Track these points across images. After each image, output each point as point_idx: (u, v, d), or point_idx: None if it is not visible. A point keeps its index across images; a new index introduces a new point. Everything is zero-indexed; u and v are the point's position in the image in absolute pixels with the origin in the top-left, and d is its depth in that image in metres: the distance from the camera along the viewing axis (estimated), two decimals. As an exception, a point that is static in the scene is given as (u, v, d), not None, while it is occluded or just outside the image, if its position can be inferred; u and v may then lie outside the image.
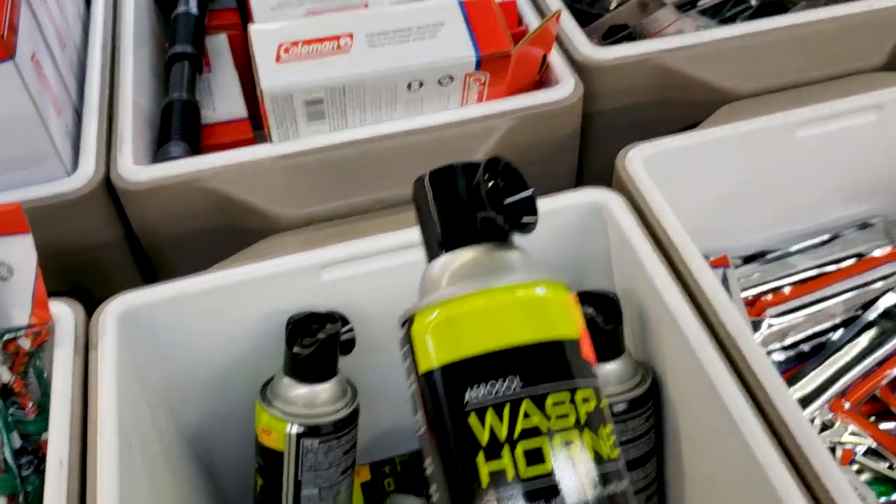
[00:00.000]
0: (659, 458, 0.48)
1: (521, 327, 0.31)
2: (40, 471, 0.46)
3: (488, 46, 0.54)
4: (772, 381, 0.40)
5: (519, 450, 0.29)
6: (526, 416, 0.29)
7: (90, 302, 0.47)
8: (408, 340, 0.32)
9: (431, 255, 0.35)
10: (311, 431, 0.47)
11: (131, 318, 0.46)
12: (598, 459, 0.30)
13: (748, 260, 0.63)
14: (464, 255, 0.33)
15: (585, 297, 0.46)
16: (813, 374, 0.57)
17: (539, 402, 0.30)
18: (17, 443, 0.45)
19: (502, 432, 0.29)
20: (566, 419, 0.30)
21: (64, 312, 0.46)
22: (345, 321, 0.50)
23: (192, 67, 0.66)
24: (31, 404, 0.46)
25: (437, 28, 0.54)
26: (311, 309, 0.49)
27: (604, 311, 0.46)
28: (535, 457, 0.29)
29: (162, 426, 0.49)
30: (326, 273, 0.49)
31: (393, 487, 0.60)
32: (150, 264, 0.58)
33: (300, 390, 0.48)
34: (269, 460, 0.48)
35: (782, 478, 0.37)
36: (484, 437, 0.29)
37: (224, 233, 0.55)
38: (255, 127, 0.63)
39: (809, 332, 0.59)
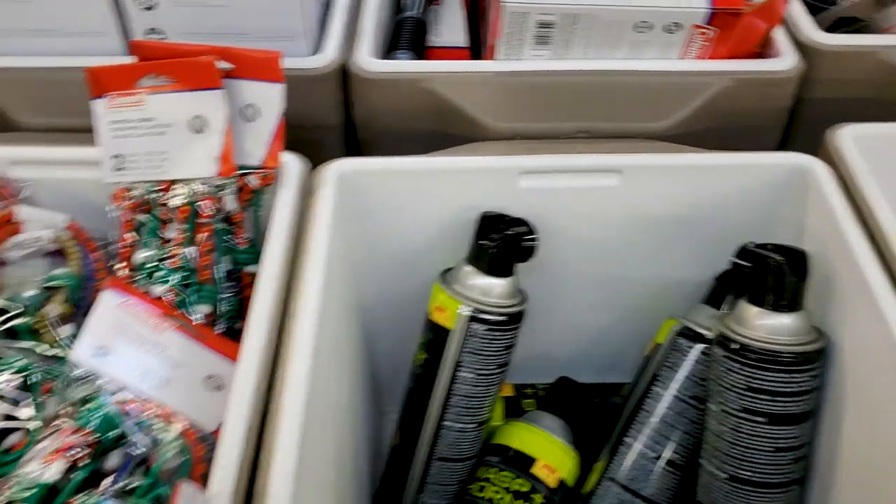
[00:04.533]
0: (817, 424, 0.48)
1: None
2: (238, 296, 0.52)
3: (722, 1, 0.55)
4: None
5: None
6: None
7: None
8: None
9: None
10: (480, 317, 0.50)
11: (346, 180, 0.51)
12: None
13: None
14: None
15: (777, 248, 0.47)
16: None
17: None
18: (227, 266, 0.51)
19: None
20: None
21: (292, 161, 0.52)
22: (532, 229, 0.52)
23: (428, -6, 0.72)
24: (244, 236, 0.52)
25: (674, -22, 0.56)
26: (502, 211, 0.52)
27: (791, 264, 0.46)
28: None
29: (348, 284, 0.53)
30: (524, 180, 0.52)
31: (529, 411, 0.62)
32: (357, 154, 0.63)
33: (478, 280, 0.51)
34: (437, 336, 0.52)
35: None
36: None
37: (433, 135, 0.59)
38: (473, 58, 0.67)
39: None
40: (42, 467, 0.35)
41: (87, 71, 0.50)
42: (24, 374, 0.41)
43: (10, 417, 0.40)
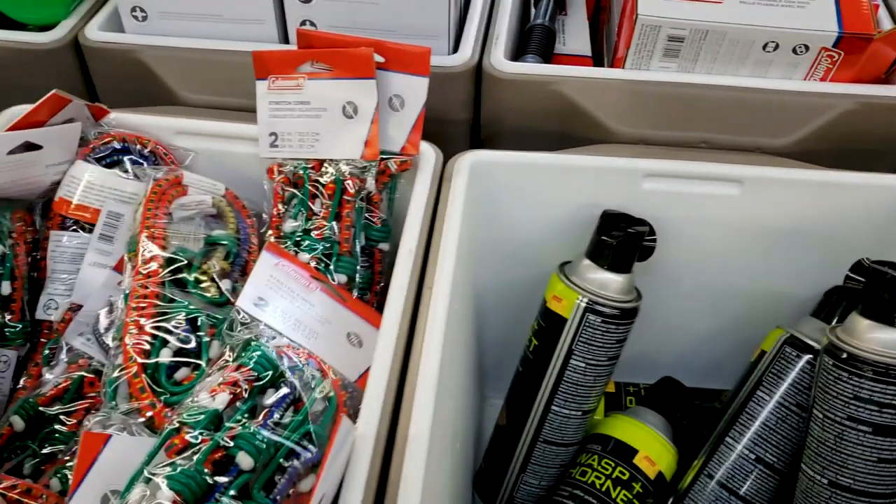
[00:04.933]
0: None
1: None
2: (370, 270, 0.56)
3: (852, 26, 0.57)
4: None
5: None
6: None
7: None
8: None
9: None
10: (596, 309, 0.53)
11: (477, 170, 0.55)
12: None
13: None
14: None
15: (893, 265, 0.48)
16: None
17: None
18: (362, 242, 0.56)
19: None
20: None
21: (428, 150, 0.56)
22: (652, 230, 0.55)
23: (556, 5, 0.75)
24: (379, 216, 0.56)
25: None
26: (625, 210, 0.55)
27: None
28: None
29: (468, 268, 0.57)
30: (647, 182, 0.55)
31: (631, 407, 0.64)
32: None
33: (597, 274, 0.54)
34: (551, 324, 0.55)
35: None
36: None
37: (555, 136, 0.62)
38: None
39: None
40: (210, 397, 0.39)
41: (254, 54, 0.55)
42: (191, 317, 0.46)
43: (180, 353, 0.45)
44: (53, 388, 0.49)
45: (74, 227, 0.55)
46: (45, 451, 0.47)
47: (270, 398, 0.40)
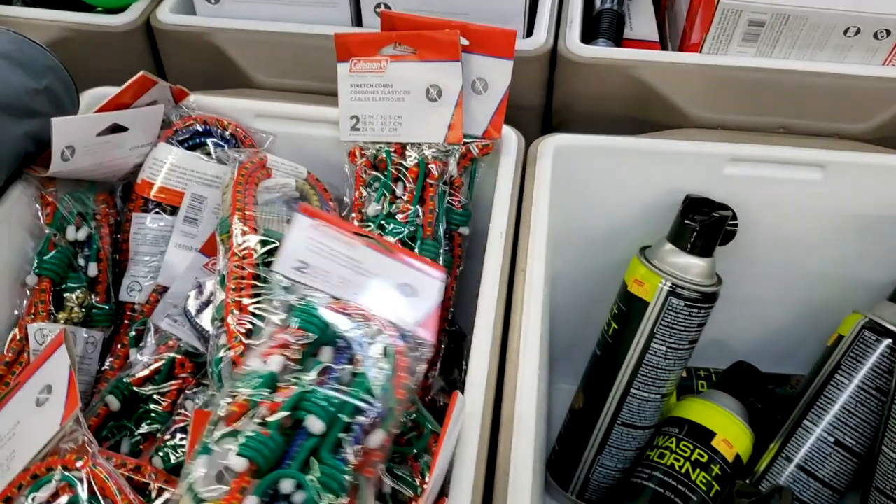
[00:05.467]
0: None
1: None
2: (450, 254, 0.56)
3: (937, 10, 0.56)
4: None
5: None
6: None
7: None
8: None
9: None
10: (679, 292, 0.53)
11: (559, 154, 0.55)
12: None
13: None
14: None
15: None
16: None
17: None
18: (444, 226, 0.56)
19: None
20: None
21: (511, 134, 0.56)
22: (734, 215, 0.55)
23: (622, -11, 0.75)
24: (459, 199, 0.56)
25: (888, -16, 0.57)
26: (706, 195, 0.55)
27: None
28: None
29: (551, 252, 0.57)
30: (730, 167, 0.55)
31: (703, 391, 0.64)
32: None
33: (679, 258, 0.54)
34: (632, 308, 0.55)
35: None
36: None
37: (629, 121, 0.62)
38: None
39: None
40: (262, 361, 0.38)
41: (336, 36, 0.55)
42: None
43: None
44: (145, 369, 0.49)
45: (157, 210, 0.55)
46: (141, 430, 0.47)
47: (325, 356, 0.39)
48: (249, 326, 0.44)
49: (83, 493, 0.34)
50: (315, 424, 0.35)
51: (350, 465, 0.35)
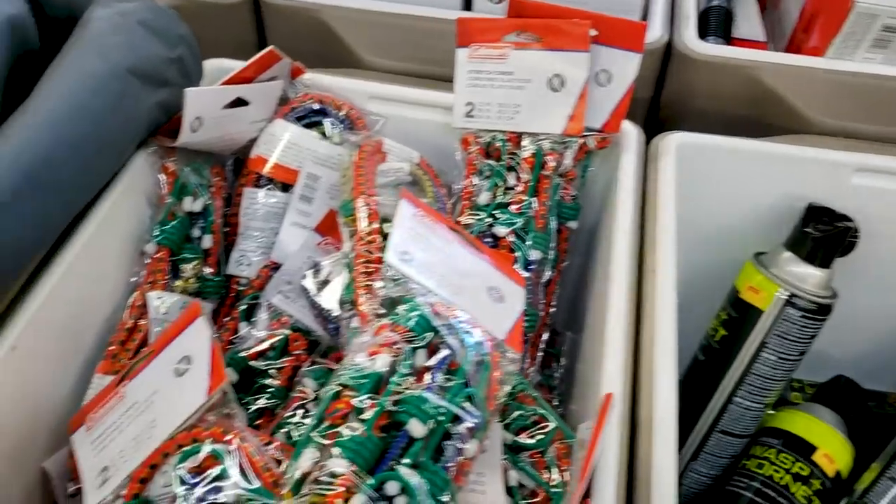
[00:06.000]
0: None
1: None
2: (557, 249, 0.55)
3: None
4: None
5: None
6: None
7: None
8: None
9: None
10: (796, 303, 0.52)
11: (681, 151, 0.54)
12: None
13: None
14: None
15: None
16: None
17: None
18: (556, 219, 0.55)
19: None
20: None
21: (631, 129, 0.55)
22: (856, 228, 0.54)
23: (730, -13, 0.74)
24: (571, 193, 0.55)
25: None
26: (828, 204, 0.54)
27: None
28: None
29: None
30: (857, 177, 0.53)
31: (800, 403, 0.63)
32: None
33: (797, 267, 0.53)
34: (744, 315, 0.54)
35: None
36: None
37: (743, 122, 0.61)
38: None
39: None
40: (369, 359, 0.36)
41: (458, 20, 0.54)
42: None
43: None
44: (259, 344, 0.49)
45: (269, 186, 0.55)
46: (258, 405, 0.47)
47: (428, 360, 0.38)
48: (382, 311, 0.43)
49: (234, 467, 0.34)
50: (417, 428, 0.35)
51: (451, 473, 0.35)
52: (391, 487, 0.33)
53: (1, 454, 0.41)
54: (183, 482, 0.35)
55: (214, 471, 0.35)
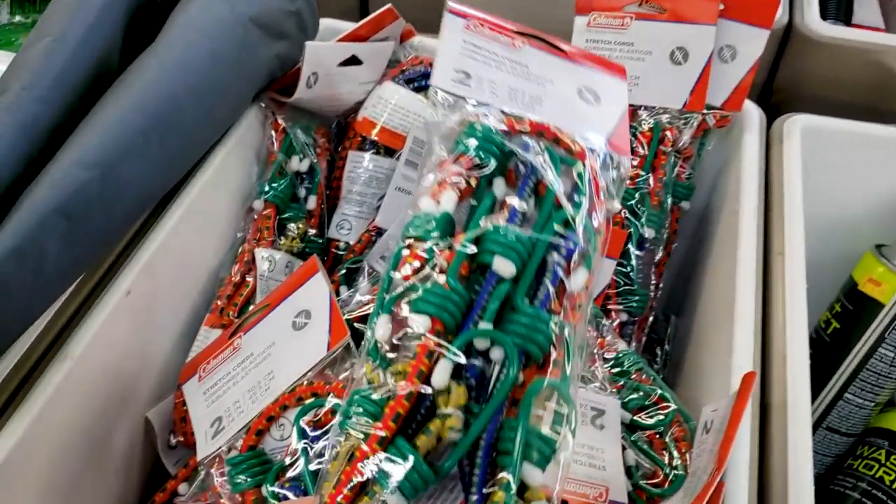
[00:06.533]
0: None
1: None
2: (668, 229, 0.53)
3: None
4: None
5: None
6: None
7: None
8: None
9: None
10: (921, 297, 0.50)
11: (806, 134, 0.51)
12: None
13: None
14: None
15: None
16: None
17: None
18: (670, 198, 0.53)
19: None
20: None
21: (751, 110, 0.53)
22: None
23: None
24: (685, 172, 0.53)
25: None
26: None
27: None
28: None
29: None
30: None
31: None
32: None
33: (925, 260, 0.50)
34: (862, 308, 0.51)
35: None
36: None
37: (866, 109, 0.58)
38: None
39: None
40: (433, 202, 0.32)
41: (579, -12, 0.53)
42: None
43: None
44: (362, 308, 0.48)
45: (374, 150, 0.54)
46: (363, 369, 0.46)
47: (504, 186, 0.32)
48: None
49: (355, 424, 0.33)
50: (504, 267, 0.30)
51: (552, 312, 0.30)
52: (479, 343, 0.29)
53: (109, 399, 0.41)
54: (304, 435, 0.34)
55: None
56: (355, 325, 0.48)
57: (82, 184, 0.34)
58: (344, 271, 0.52)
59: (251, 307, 0.44)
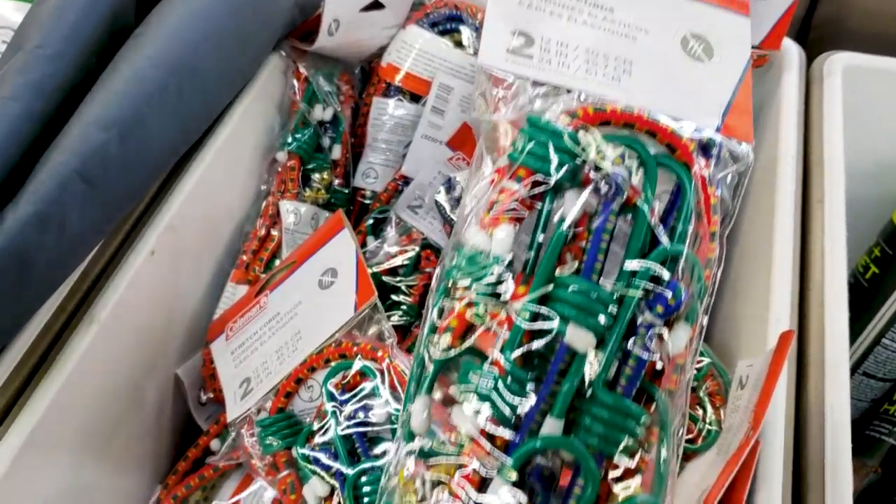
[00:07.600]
0: None
1: None
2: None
3: None
4: None
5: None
6: None
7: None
8: None
9: None
10: (967, 242, 0.48)
11: (848, 73, 0.49)
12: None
13: None
14: None
15: None
16: None
17: None
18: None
19: None
20: None
21: (790, 48, 0.50)
22: None
23: None
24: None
25: None
26: None
27: None
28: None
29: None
30: None
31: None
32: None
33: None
34: (905, 252, 0.50)
35: None
36: None
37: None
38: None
39: None
40: (483, 233, 0.25)
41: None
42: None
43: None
44: (390, 259, 0.48)
45: (399, 97, 0.52)
46: (393, 321, 0.46)
47: (576, 204, 0.24)
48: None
49: (383, 386, 0.33)
50: (580, 339, 0.23)
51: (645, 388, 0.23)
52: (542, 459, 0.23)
53: (138, 359, 0.41)
54: (332, 398, 0.34)
55: (367, 385, 0.33)
56: (383, 278, 0.47)
57: (100, 145, 0.33)
58: (371, 221, 0.51)
59: (277, 263, 0.44)
